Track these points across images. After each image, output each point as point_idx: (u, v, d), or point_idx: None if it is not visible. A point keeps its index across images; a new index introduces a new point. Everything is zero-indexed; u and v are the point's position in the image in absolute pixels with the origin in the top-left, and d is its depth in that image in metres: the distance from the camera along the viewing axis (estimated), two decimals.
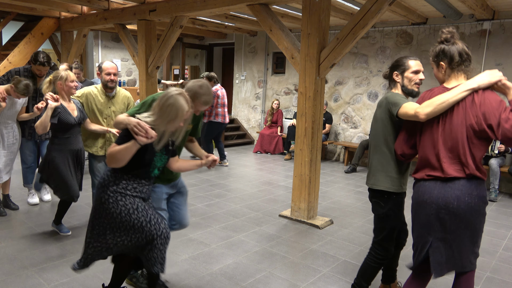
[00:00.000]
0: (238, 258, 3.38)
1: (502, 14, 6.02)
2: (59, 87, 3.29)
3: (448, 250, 2.05)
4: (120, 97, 3.74)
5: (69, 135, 3.34)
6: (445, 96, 2.00)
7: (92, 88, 3.63)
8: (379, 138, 2.40)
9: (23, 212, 4.23)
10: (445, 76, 2.13)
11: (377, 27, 7.31)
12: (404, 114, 2.18)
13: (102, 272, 3.03)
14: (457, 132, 1.99)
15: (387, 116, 2.34)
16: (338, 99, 8.07)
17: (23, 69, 4.19)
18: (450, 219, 2.00)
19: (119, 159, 2.11)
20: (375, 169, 2.43)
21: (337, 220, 4.46)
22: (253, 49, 9.55)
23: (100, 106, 3.61)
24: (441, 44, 2.12)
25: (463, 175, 1.99)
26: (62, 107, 3.27)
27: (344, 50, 3.94)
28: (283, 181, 6.13)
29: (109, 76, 3.55)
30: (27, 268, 3.03)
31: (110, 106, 3.66)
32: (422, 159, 2.14)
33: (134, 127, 2.08)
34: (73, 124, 3.33)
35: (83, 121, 3.47)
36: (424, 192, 2.09)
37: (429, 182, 2.08)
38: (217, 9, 5.01)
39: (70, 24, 7.48)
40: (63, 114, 3.26)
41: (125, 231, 2.23)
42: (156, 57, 5.93)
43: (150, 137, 2.09)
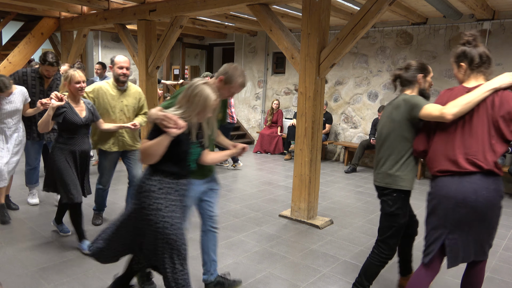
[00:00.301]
0: (238, 258, 3.38)
1: (502, 14, 6.02)
2: (67, 88, 3.24)
3: (465, 241, 2.14)
4: (132, 92, 3.71)
5: (75, 135, 3.26)
6: (470, 96, 2.08)
7: (103, 83, 3.61)
8: (395, 138, 2.45)
9: (23, 212, 4.23)
10: (465, 76, 2.23)
11: (377, 27, 7.31)
12: (428, 115, 2.24)
13: (102, 273, 3.03)
14: (477, 131, 2.08)
15: (406, 117, 2.39)
16: (338, 99, 8.07)
17: (30, 70, 4.15)
18: (468, 212, 2.08)
19: (151, 154, 2.05)
20: (389, 168, 2.47)
21: (337, 220, 4.46)
22: (253, 49, 9.55)
23: (112, 100, 3.58)
24: (462, 46, 2.22)
25: (480, 170, 2.07)
26: (69, 107, 3.19)
27: (344, 50, 3.94)
28: (283, 181, 6.13)
29: (122, 69, 3.54)
30: (27, 268, 3.03)
31: (122, 100, 3.63)
32: (440, 156, 2.20)
33: (162, 120, 2.03)
34: (79, 125, 3.24)
35: (92, 122, 3.38)
36: (442, 187, 2.17)
37: (447, 178, 2.16)
38: (217, 9, 5.01)
39: (70, 24, 7.48)
40: (69, 114, 3.18)
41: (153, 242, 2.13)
42: (156, 57, 5.93)
43: (180, 127, 2.02)
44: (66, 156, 3.24)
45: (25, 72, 4.13)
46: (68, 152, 3.25)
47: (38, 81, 4.17)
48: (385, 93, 7.34)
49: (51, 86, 4.22)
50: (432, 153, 2.25)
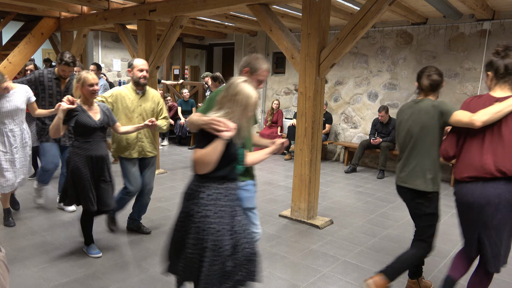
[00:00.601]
0: None
1: (502, 14, 6.02)
2: (79, 90, 3.09)
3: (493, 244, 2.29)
4: (150, 95, 3.60)
5: (90, 139, 3.08)
6: (501, 106, 2.22)
7: (122, 88, 3.52)
8: (428, 143, 2.55)
9: (23, 212, 4.23)
10: (491, 85, 2.37)
11: (377, 27, 7.31)
12: (458, 122, 2.37)
13: (102, 273, 3.03)
14: (506, 139, 2.22)
15: (436, 122, 2.50)
16: (338, 99, 8.07)
17: (47, 71, 4.06)
18: (492, 215, 2.23)
19: (208, 162, 1.95)
20: (422, 171, 2.57)
21: (337, 220, 4.46)
22: (253, 49, 9.55)
23: (131, 104, 3.47)
24: (492, 56, 2.35)
25: (504, 176, 2.21)
26: (81, 110, 3.05)
27: (344, 50, 3.95)
28: (283, 181, 6.13)
29: (142, 72, 3.45)
30: (27, 268, 3.03)
31: (141, 104, 3.52)
32: (467, 161, 2.35)
33: (211, 124, 1.93)
34: (94, 128, 3.07)
35: (108, 125, 3.20)
36: (466, 194, 2.33)
37: (471, 184, 2.31)
38: (217, 9, 5.01)
39: (70, 24, 7.48)
40: (81, 117, 3.03)
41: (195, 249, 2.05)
42: (156, 57, 5.93)
43: (231, 129, 1.94)
44: (84, 161, 3.07)
45: (41, 73, 4.05)
46: (84, 157, 3.07)
47: (55, 82, 4.08)
48: (385, 93, 7.34)
49: (67, 87, 4.13)
50: (462, 159, 2.39)
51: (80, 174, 3.06)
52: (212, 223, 2.02)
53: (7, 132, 3.61)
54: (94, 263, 3.17)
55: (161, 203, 4.80)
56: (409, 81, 7.02)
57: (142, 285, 2.88)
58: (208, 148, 1.94)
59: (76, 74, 4.14)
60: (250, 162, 2.35)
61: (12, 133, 3.64)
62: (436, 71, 2.61)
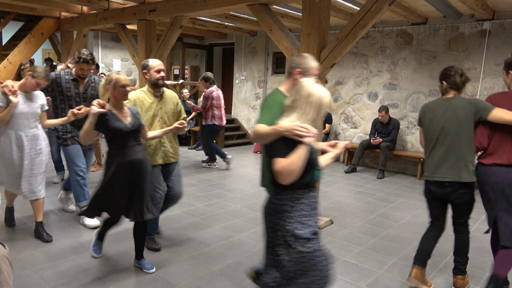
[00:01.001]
0: (238, 258, 3.38)
1: (502, 14, 6.02)
2: (109, 92, 2.85)
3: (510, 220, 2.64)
4: (169, 97, 3.36)
5: (124, 145, 2.84)
6: None
7: (138, 92, 3.26)
8: (464, 136, 2.73)
9: (22, 213, 4.22)
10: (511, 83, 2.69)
11: (377, 27, 7.31)
12: (499, 118, 2.61)
13: (102, 273, 3.03)
14: None
15: (472, 117, 2.71)
16: (338, 99, 8.07)
17: (63, 73, 3.80)
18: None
19: (295, 170, 1.88)
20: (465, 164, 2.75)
21: (337, 220, 4.46)
22: (253, 49, 9.55)
23: (150, 108, 3.23)
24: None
25: None
26: (111, 114, 2.79)
27: (344, 50, 3.94)
28: None
29: (159, 73, 3.21)
30: (27, 268, 3.04)
31: (161, 107, 3.28)
32: (494, 150, 2.67)
33: (295, 131, 1.86)
34: (127, 132, 2.83)
35: (140, 128, 2.96)
36: (491, 175, 2.66)
37: (495, 167, 2.65)
38: (217, 9, 5.01)
39: (70, 24, 7.48)
40: (111, 121, 2.77)
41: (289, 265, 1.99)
42: (156, 57, 5.93)
43: (314, 134, 1.88)
44: (119, 170, 2.82)
45: (58, 75, 3.77)
46: (122, 164, 2.82)
47: (73, 84, 3.80)
48: (385, 93, 7.34)
49: (86, 89, 3.87)
50: (491, 148, 2.69)
51: (116, 184, 2.83)
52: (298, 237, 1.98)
53: (21, 136, 3.35)
54: (94, 263, 3.18)
55: None
56: (409, 81, 7.02)
57: (141, 285, 2.88)
58: (293, 156, 1.88)
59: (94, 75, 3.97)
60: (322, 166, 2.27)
61: (27, 138, 3.38)
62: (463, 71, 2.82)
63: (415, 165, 6.96)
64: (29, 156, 3.39)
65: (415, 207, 5.09)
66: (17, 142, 3.35)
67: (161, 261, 3.25)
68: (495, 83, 6.18)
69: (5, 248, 1.67)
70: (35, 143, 3.43)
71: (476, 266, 3.40)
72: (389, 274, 3.21)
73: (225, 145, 8.95)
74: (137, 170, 2.88)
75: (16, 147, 3.35)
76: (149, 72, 3.22)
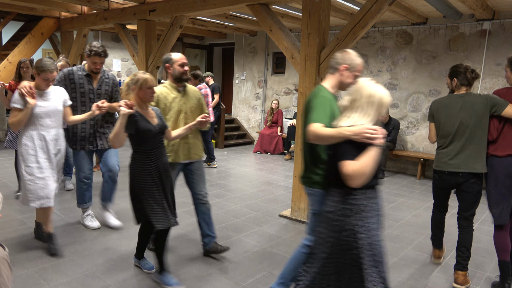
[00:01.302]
0: (238, 258, 3.38)
1: (502, 14, 6.02)
2: (134, 93, 2.72)
3: None
4: (191, 91, 3.25)
5: (153, 147, 2.72)
6: None
7: (161, 88, 3.13)
8: (481, 130, 2.91)
9: (22, 213, 4.22)
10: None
11: (377, 27, 7.31)
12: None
13: (102, 272, 3.03)
14: None
15: (489, 112, 2.88)
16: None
17: (76, 69, 3.62)
18: None
19: (367, 172, 1.87)
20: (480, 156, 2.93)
21: None
22: (253, 49, 9.55)
23: (174, 104, 3.11)
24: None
25: None
26: (139, 115, 2.67)
27: None
28: (283, 181, 6.13)
29: (183, 67, 3.09)
30: (27, 268, 3.03)
31: (184, 102, 3.15)
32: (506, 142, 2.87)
33: (367, 134, 1.87)
34: (155, 133, 2.72)
35: (165, 130, 2.85)
36: (508, 166, 2.85)
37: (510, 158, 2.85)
38: (217, 9, 5.01)
39: (70, 24, 7.49)
40: (141, 122, 2.65)
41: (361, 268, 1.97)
42: (156, 57, 5.93)
43: (384, 135, 1.88)
44: (149, 173, 2.69)
45: (71, 71, 3.59)
46: (150, 168, 2.70)
47: (86, 79, 3.60)
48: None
49: (100, 85, 3.68)
50: (503, 140, 2.87)
51: (150, 189, 2.68)
52: (375, 234, 1.99)
53: (45, 136, 3.18)
54: (94, 263, 3.17)
55: None
56: (409, 81, 7.02)
57: (141, 285, 2.88)
58: (365, 159, 1.88)
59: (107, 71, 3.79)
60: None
61: (50, 137, 3.21)
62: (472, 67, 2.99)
63: (415, 165, 6.96)
64: (53, 157, 3.24)
65: (415, 207, 5.09)
66: (41, 144, 3.17)
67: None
68: (495, 83, 6.17)
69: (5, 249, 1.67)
70: (57, 143, 3.27)
71: (477, 266, 3.40)
72: (389, 274, 3.20)
73: (225, 145, 8.96)
74: (167, 173, 2.80)
75: (40, 149, 3.16)
76: (172, 66, 3.10)
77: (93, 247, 3.46)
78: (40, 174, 3.15)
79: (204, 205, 3.29)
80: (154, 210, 2.67)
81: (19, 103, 3.06)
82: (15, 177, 5.48)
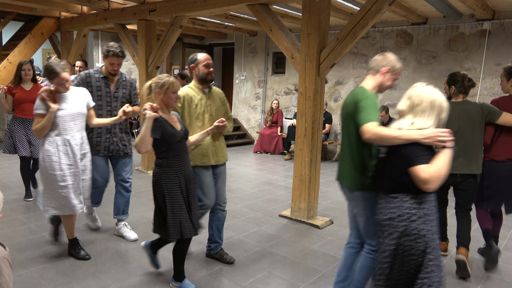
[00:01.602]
0: (238, 258, 3.38)
1: (502, 14, 6.02)
2: (157, 97, 2.62)
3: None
4: (216, 93, 3.18)
5: (178, 153, 2.63)
6: None
7: (186, 88, 3.06)
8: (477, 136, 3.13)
9: (22, 213, 4.23)
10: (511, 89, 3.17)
11: (377, 27, 7.31)
12: (506, 122, 3.07)
13: (102, 273, 3.03)
14: None
15: (484, 120, 3.12)
16: (338, 99, 8.07)
17: (93, 71, 3.50)
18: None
19: (443, 175, 1.90)
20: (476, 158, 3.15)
21: (337, 220, 4.46)
22: (253, 49, 9.55)
23: (200, 106, 3.03)
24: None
25: None
26: (163, 119, 2.58)
27: (344, 50, 3.94)
28: (283, 181, 6.13)
29: (208, 68, 3.03)
30: (27, 268, 3.03)
31: (210, 104, 3.09)
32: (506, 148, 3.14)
33: (438, 137, 1.93)
34: (181, 139, 2.65)
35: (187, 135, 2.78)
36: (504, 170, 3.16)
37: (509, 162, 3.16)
38: (217, 9, 5.01)
39: (70, 24, 7.49)
40: (167, 127, 2.57)
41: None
42: (156, 57, 5.93)
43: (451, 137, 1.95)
44: (176, 181, 2.62)
45: (88, 74, 3.48)
46: (179, 175, 2.63)
47: (103, 82, 3.47)
48: (385, 93, 7.34)
49: (117, 88, 3.54)
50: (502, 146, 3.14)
51: (177, 198, 2.61)
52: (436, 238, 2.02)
53: (69, 140, 3.03)
54: (94, 263, 3.17)
55: None
56: (409, 81, 7.02)
57: (142, 285, 2.88)
58: (439, 162, 1.92)
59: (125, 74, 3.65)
60: None
61: (75, 141, 3.05)
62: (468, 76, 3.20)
63: None
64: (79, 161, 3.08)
65: None
66: (65, 149, 3.01)
67: (161, 261, 3.25)
68: (495, 83, 6.18)
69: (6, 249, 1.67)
70: (82, 147, 3.12)
71: (476, 267, 3.40)
72: None
73: None
74: (192, 180, 2.75)
75: (64, 155, 3.00)
76: (197, 67, 3.04)
77: (94, 248, 3.46)
78: (62, 183, 3.00)
79: (221, 212, 3.26)
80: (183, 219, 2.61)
81: (41, 108, 2.94)
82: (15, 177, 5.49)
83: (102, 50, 3.44)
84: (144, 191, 5.17)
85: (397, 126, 2.05)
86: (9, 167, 6.10)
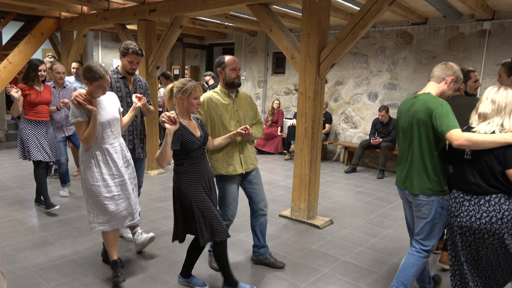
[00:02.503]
0: (238, 258, 3.38)
1: (502, 14, 6.02)
2: (179, 102, 2.54)
3: None
4: (243, 97, 3.04)
5: (197, 160, 2.58)
6: None
7: (211, 93, 2.93)
8: None
9: (22, 212, 4.23)
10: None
11: (377, 27, 7.31)
12: None
13: (102, 273, 3.03)
14: None
15: None
16: (338, 99, 8.07)
17: (111, 72, 3.31)
18: None
19: None
20: None
21: (337, 220, 4.46)
22: (253, 49, 9.55)
23: (225, 111, 2.90)
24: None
25: None
26: (182, 127, 2.51)
27: (344, 50, 3.95)
28: (283, 181, 6.13)
29: (235, 71, 2.89)
30: (27, 268, 3.04)
31: (236, 109, 2.95)
32: None
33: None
34: (200, 145, 2.58)
35: (207, 140, 2.70)
36: None
37: None
38: (217, 9, 5.01)
39: (70, 24, 7.49)
40: (185, 136, 2.50)
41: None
42: (156, 57, 5.94)
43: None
44: (200, 188, 2.57)
45: None
46: (199, 180, 2.58)
47: (122, 82, 3.33)
48: (385, 93, 7.34)
49: (135, 87, 3.43)
50: None
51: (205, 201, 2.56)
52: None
53: (108, 148, 2.81)
54: (94, 263, 3.17)
55: (161, 203, 4.80)
56: (409, 81, 7.02)
57: (142, 285, 2.88)
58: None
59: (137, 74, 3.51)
60: None
61: (114, 149, 2.85)
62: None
63: None
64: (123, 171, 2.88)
65: None
66: (104, 158, 2.80)
67: (161, 261, 3.25)
68: (495, 83, 6.17)
69: None
70: (123, 154, 2.94)
71: None
72: (389, 274, 3.21)
73: None
74: (213, 186, 2.71)
75: (104, 166, 2.79)
76: (224, 71, 2.90)
77: (94, 248, 3.46)
78: (107, 194, 2.78)
79: (263, 217, 3.17)
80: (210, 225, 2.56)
81: (80, 115, 2.68)
82: (16, 177, 5.49)
83: (120, 48, 3.28)
84: (144, 191, 5.17)
85: (483, 129, 2.14)
86: (9, 167, 6.11)
